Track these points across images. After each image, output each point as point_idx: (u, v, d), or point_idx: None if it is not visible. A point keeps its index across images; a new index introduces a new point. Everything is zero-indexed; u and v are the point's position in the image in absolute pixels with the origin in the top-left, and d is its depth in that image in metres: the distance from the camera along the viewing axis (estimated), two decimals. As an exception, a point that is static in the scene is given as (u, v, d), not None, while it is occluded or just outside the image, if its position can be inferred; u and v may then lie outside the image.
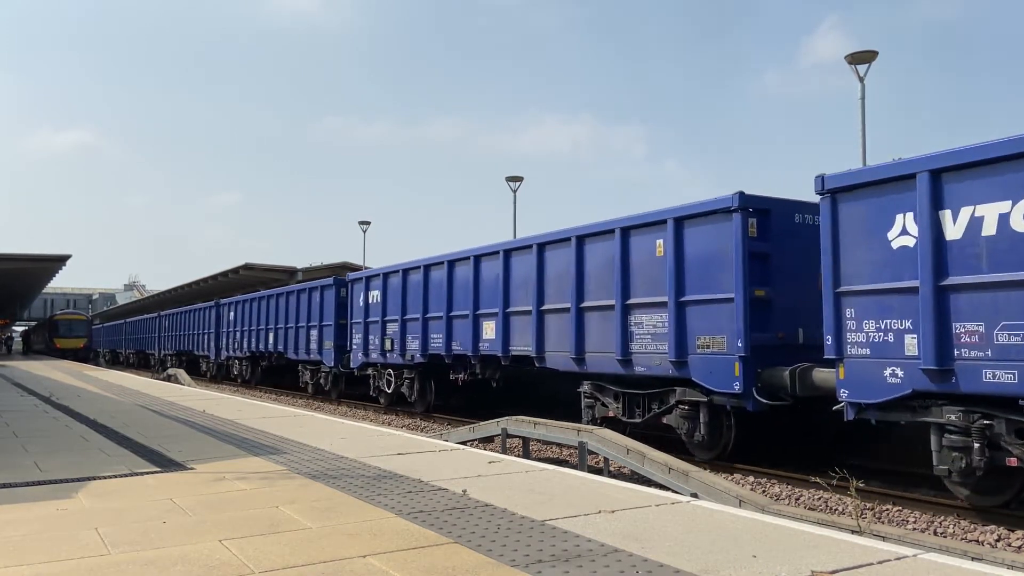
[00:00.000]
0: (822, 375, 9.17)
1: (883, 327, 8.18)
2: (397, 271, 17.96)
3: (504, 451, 11.15)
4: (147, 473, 6.21)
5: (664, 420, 10.99)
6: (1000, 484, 7.66)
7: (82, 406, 12.53)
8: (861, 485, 7.16)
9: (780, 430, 10.61)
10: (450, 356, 15.79)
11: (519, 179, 32.21)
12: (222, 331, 31.36)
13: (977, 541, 6.99)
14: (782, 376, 9.47)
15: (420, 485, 5.64)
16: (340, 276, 22.59)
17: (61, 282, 58.22)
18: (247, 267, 35.19)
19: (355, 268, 31.95)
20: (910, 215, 7.99)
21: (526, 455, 11.07)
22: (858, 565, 3.65)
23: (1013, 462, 7.29)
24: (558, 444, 11.42)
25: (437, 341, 16.18)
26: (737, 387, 9.67)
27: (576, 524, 4.43)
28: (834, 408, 8.73)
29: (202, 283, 42.23)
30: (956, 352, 7.51)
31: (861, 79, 19.21)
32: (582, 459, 10.02)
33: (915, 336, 7.83)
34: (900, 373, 7.99)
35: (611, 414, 11.77)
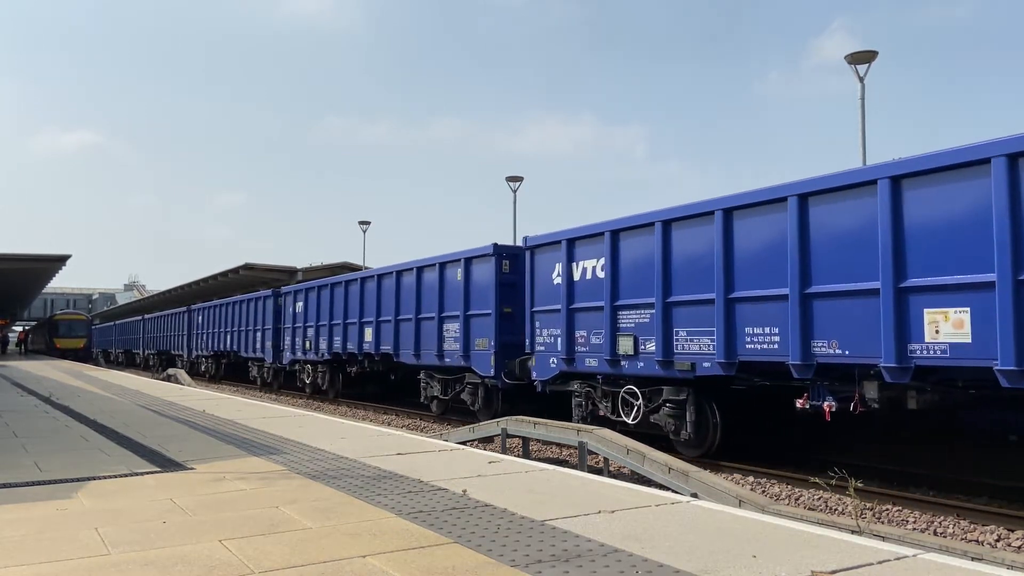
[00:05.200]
0: (529, 363, 13.45)
1: (550, 333, 12.83)
2: (314, 287, 22.69)
3: (504, 451, 11.15)
4: (147, 473, 6.21)
5: (461, 396, 15.74)
6: (603, 427, 11.06)
7: (82, 406, 12.53)
8: (860, 485, 7.17)
9: (529, 401, 14.16)
10: (345, 353, 20.29)
11: (519, 179, 32.28)
12: (193, 333, 35.64)
13: (977, 541, 6.99)
14: (514, 365, 14.03)
15: (420, 485, 5.64)
16: (277, 289, 26.58)
17: (61, 282, 58.28)
18: (247, 267, 35.16)
19: (355, 268, 31.98)
20: (560, 264, 12.55)
21: (526, 455, 11.07)
22: (858, 565, 3.64)
23: (602, 412, 11.97)
24: (558, 444, 11.43)
25: (337, 342, 20.69)
26: (492, 372, 14.39)
27: (576, 524, 4.43)
28: (532, 382, 13.28)
29: (202, 283, 42.19)
30: (576, 348, 12.24)
31: (861, 79, 19.22)
32: (582, 459, 10.02)
33: (561, 338, 12.43)
34: (555, 361, 12.69)
35: (435, 394, 16.64)
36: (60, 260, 32.91)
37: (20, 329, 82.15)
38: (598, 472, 8.96)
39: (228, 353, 30.51)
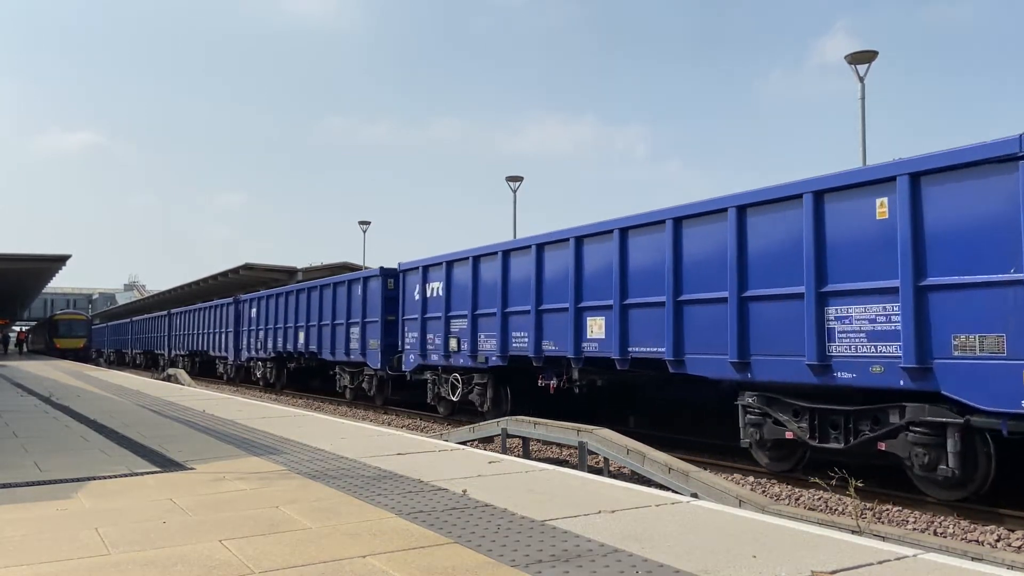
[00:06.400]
0: None
1: None
2: (466, 258, 15.04)
3: (504, 451, 11.15)
4: (147, 473, 6.21)
5: (883, 446, 8.33)
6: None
7: (82, 406, 12.53)
8: (860, 485, 7.17)
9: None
10: (540, 359, 13.00)
11: (519, 179, 32.33)
12: (242, 330, 28.71)
13: (977, 541, 6.99)
14: None
15: (420, 485, 5.64)
16: (388, 268, 18.90)
17: (61, 282, 58.27)
18: (247, 267, 35.23)
19: (355, 268, 31.99)
20: None
21: (526, 455, 11.07)
22: (858, 565, 3.64)
23: (790, 435, 9.15)
24: (558, 444, 11.42)
25: (521, 340, 13.43)
26: None
27: (576, 524, 4.43)
28: None
29: (202, 283, 42.26)
30: None
31: (861, 79, 19.24)
32: (582, 459, 10.02)
33: None
34: None
35: (789, 435, 9.24)
36: (60, 260, 32.95)
37: (19, 329, 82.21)
38: (598, 472, 8.97)
39: (299, 355, 23.63)
